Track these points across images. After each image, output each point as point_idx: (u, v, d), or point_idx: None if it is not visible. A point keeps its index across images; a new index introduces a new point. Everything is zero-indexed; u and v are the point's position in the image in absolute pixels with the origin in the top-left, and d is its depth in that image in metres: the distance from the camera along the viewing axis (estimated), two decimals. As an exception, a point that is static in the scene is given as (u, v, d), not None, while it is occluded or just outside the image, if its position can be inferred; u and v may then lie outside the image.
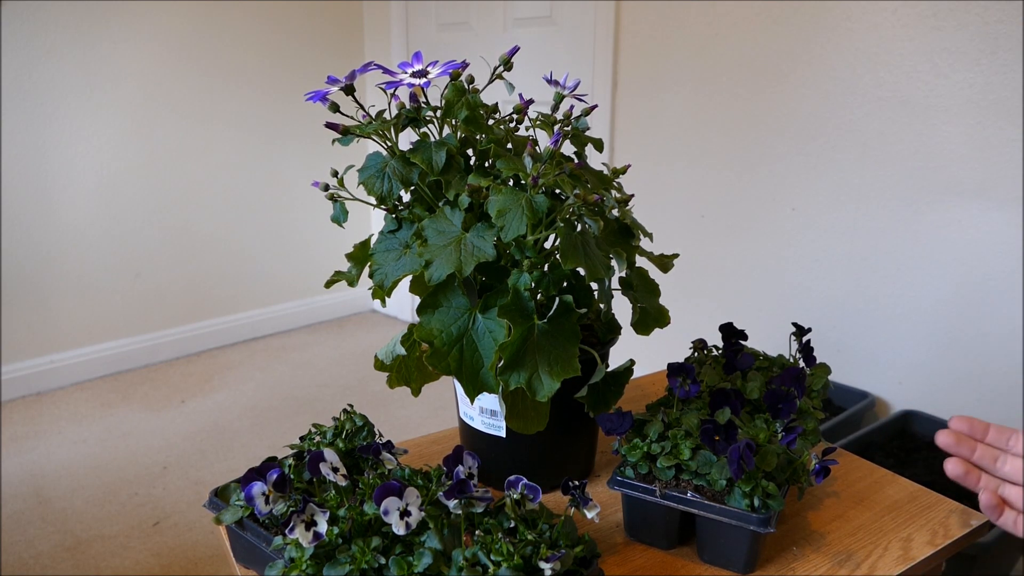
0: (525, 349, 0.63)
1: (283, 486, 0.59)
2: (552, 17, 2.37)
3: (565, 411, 0.72)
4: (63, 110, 2.41)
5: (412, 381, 0.78)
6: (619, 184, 0.76)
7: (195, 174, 2.75)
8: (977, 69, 1.51)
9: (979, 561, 1.23)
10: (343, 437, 0.69)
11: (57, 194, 2.45)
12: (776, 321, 1.94)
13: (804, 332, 0.82)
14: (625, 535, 0.70)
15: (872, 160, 1.70)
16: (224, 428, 2.29)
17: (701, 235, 2.10)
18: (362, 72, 0.67)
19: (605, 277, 0.67)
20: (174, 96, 2.64)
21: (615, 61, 2.19)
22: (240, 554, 0.65)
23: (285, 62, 2.88)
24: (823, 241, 1.83)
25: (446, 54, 2.68)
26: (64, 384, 2.58)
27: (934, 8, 1.55)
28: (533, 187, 0.63)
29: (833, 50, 1.73)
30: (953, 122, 1.56)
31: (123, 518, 1.84)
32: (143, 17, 2.51)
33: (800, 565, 0.65)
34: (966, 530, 0.71)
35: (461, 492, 0.55)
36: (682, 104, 2.07)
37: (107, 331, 2.66)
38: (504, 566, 0.51)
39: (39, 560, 1.68)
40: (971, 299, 1.59)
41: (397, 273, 0.68)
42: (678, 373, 0.69)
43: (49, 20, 2.33)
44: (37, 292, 2.47)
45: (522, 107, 0.73)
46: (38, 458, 2.12)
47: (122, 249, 2.63)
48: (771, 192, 1.91)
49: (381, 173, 0.67)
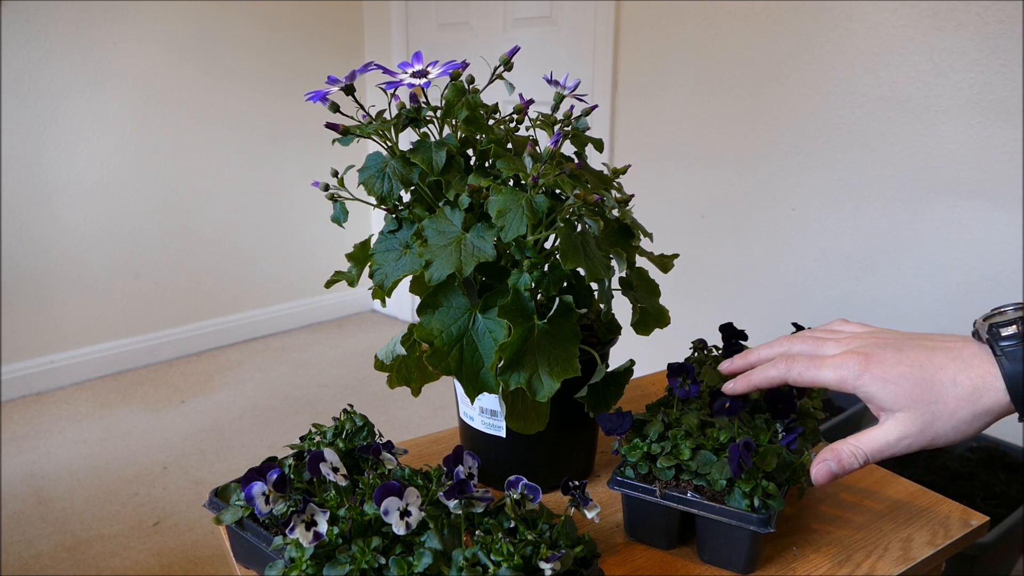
0: (525, 349, 0.63)
1: (283, 486, 0.59)
2: (552, 17, 2.37)
3: (565, 411, 0.72)
4: (63, 110, 2.41)
5: (412, 381, 0.78)
6: (619, 184, 0.76)
7: (195, 174, 2.75)
8: (977, 69, 1.51)
9: (979, 561, 1.23)
10: (343, 437, 0.69)
11: (57, 194, 2.45)
12: (776, 321, 1.94)
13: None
14: (625, 535, 0.70)
15: (872, 160, 1.70)
16: (224, 428, 2.29)
17: (701, 235, 2.10)
18: (362, 72, 0.67)
19: (605, 277, 0.67)
20: (174, 96, 2.64)
21: (615, 61, 2.19)
22: (240, 554, 0.65)
23: (285, 62, 2.88)
24: (823, 241, 1.83)
25: (446, 54, 2.68)
26: (64, 384, 2.58)
27: (934, 8, 1.55)
28: (533, 187, 0.63)
29: (833, 50, 1.73)
30: (953, 122, 1.56)
31: (123, 518, 1.84)
32: (143, 17, 2.51)
33: (800, 565, 0.65)
34: (966, 530, 0.71)
35: (461, 492, 0.55)
36: (682, 104, 2.07)
37: (107, 331, 2.66)
38: (504, 566, 0.51)
39: (39, 560, 1.68)
40: (971, 299, 1.59)
41: (397, 273, 0.68)
42: (678, 373, 0.69)
43: (49, 20, 2.33)
44: (37, 292, 2.47)
45: (522, 107, 0.73)
46: (38, 458, 2.12)
47: (122, 249, 2.63)
48: (771, 192, 1.91)
49: (381, 173, 0.67)
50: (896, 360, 0.54)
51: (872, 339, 0.57)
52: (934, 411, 0.52)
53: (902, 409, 0.53)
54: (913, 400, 0.52)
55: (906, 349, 0.54)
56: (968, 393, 0.51)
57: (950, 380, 0.52)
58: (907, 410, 0.52)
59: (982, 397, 0.51)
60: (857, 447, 0.55)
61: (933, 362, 0.53)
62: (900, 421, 0.53)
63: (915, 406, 0.52)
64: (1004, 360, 0.50)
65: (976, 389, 0.51)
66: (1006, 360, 0.50)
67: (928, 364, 0.53)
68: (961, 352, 0.53)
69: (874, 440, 0.54)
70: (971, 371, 0.51)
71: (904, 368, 0.53)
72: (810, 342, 0.60)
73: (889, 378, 0.53)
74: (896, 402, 0.53)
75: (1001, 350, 0.50)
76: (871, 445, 0.54)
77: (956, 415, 0.51)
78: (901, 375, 0.53)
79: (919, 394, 0.52)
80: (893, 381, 0.53)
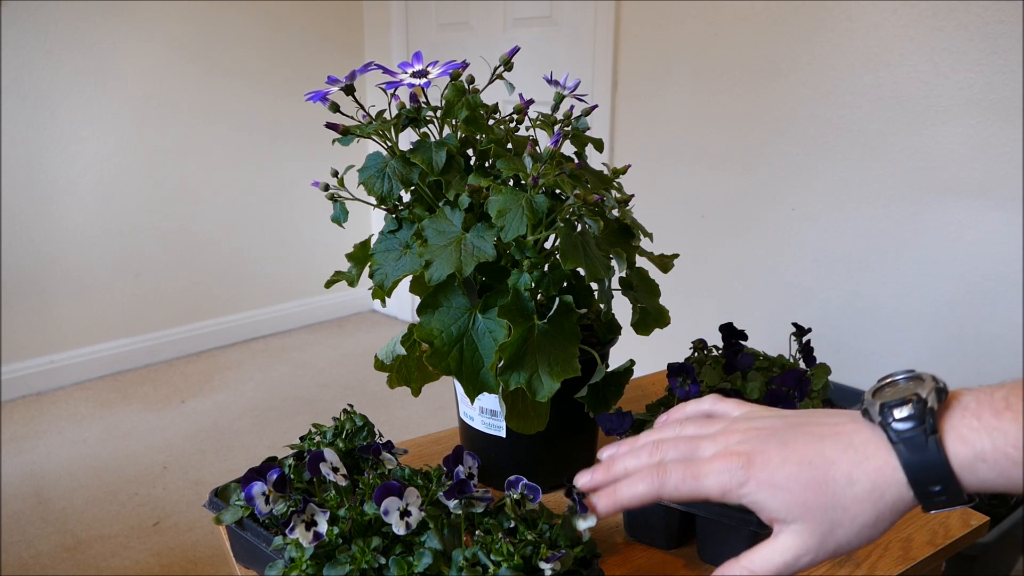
0: (525, 349, 0.63)
1: (283, 486, 0.59)
2: (552, 17, 2.37)
3: (565, 411, 0.72)
4: (63, 110, 2.41)
5: (412, 381, 0.78)
6: (619, 184, 0.76)
7: (195, 174, 2.75)
8: (977, 69, 1.51)
9: (979, 561, 1.23)
10: (343, 437, 0.69)
11: (57, 194, 2.45)
12: (776, 321, 1.94)
13: (804, 332, 0.82)
14: (625, 535, 0.70)
15: (872, 160, 1.70)
16: (224, 428, 2.29)
17: (701, 235, 2.10)
18: (362, 72, 0.67)
19: (605, 277, 0.67)
20: (174, 96, 2.64)
21: (615, 61, 2.19)
22: (240, 554, 0.65)
23: (285, 62, 2.88)
24: (823, 241, 1.83)
25: (446, 54, 2.68)
26: (64, 384, 2.58)
27: (934, 8, 1.55)
28: (533, 187, 0.63)
29: (833, 50, 1.73)
30: (953, 122, 1.56)
31: (123, 518, 1.84)
32: (143, 17, 2.51)
33: (800, 565, 0.65)
34: (966, 530, 0.71)
35: (461, 492, 0.55)
36: (682, 104, 2.07)
37: (107, 331, 2.66)
38: (504, 566, 0.51)
39: (39, 560, 1.68)
40: (971, 299, 1.59)
41: (397, 273, 0.68)
42: (678, 373, 0.69)
43: (49, 20, 2.33)
44: (37, 292, 2.47)
45: (522, 107, 0.73)
46: (38, 458, 2.12)
47: (122, 249, 2.63)
48: (771, 192, 1.91)
49: (381, 173, 0.67)
50: (782, 459, 0.45)
51: (753, 431, 0.48)
52: (832, 518, 0.44)
53: (796, 520, 0.44)
54: (807, 508, 0.44)
55: (791, 443, 0.46)
56: (867, 492, 0.43)
57: (845, 478, 0.43)
58: (802, 520, 0.44)
59: (883, 495, 0.43)
60: (748, 568, 0.46)
61: (824, 456, 0.44)
62: (796, 534, 0.45)
63: (810, 515, 0.44)
64: (902, 448, 0.42)
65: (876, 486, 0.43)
66: (904, 448, 0.42)
67: (818, 460, 0.44)
68: (852, 439, 0.44)
69: (768, 561, 0.45)
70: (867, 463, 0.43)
71: (792, 468, 0.45)
72: (682, 444, 0.50)
73: (777, 483, 0.45)
74: (789, 512, 0.44)
75: (897, 436, 0.42)
76: (764, 566, 0.45)
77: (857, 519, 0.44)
78: (790, 477, 0.44)
79: (813, 500, 0.44)
80: (782, 487, 0.45)
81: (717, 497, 0.47)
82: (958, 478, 0.41)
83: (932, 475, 0.41)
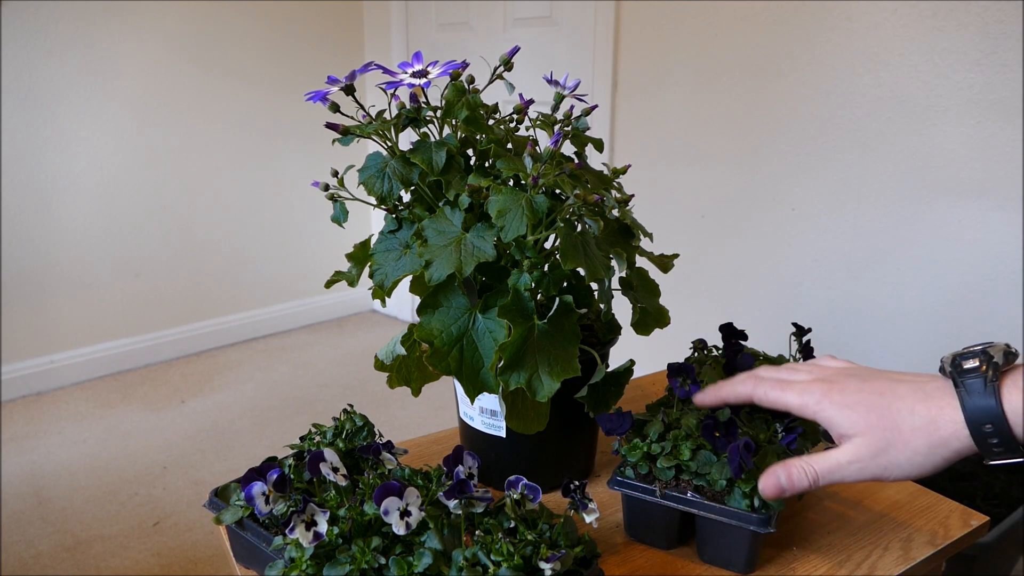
0: (525, 349, 0.63)
1: (283, 486, 0.59)
2: (552, 17, 2.37)
3: (565, 411, 0.72)
4: (63, 110, 2.41)
5: (412, 381, 0.78)
6: (619, 184, 0.76)
7: (195, 174, 2.75)
8: (977, 69, 1.51)
9: (979, 561, 1.23)
10: (343, 437, 0.69)
11: (57, 194, 2.45)
12: (776, 321, 1.94)
13: (804, 332, 0.82)
14: (625, 535, 0.70)
15: (872, 160, 1.70)
16: (224, 428, 2.29)
17: (701, 235, 2.10)
18: (362, 72, 0.67)
19: (605, 277, 0.67)
20: (174, 96, 2.64)
21: (615, 61, 2.19)
22: (240, 554, 0.65)
23: (285, 62, 2.88)
24: (823, 241, 1.83)
25: (446, 54, 2.68)
26: (64, 384, 2.58)
27: (934, 8, 1.55)
28: (533, 187, 0.63)
29: (833, 50, 1.73)
30: (953, 122, 1.56)
31: (123, 518, 1.84)
32: (143, 17, 2.51)
33: (800, 565, 0.65)
34: (966, 530, 0.71)
35: (461, 492, 0.55)
36: (682, 104, 2.07)
37: (107, 331, 2.66)
38: (504, 566, 0.51)
39: (39, 560, 1.68)
40: (971, 299, 1.59)
41: (397, 273, 0.68)
42: (678, 373, 0.69)
43: (49, 20, 2.33)
44: (37, 292, 2.47)
45: (522, 107, 0.73)
46: (38, 458, 2.12)
47: (122, 249, 2.63)
48: (771, 192, 1.91)
49: (381, 173, 0.67)
50: (857, 388, 0.54)
51: (839, 371, 0.57)
52: (888, 438, 0.52)
53: (858, 434, 0.53)
54: (868, 426, 0.52)
55: (871, 380, 0.55)
56: (925, 423, 0.51)
57: (908, 409, 0.51)
58: (862, 435, 0.52)
59: (939, 428, 0.50)
60: (808, 465, 0.55)
61: (894, 392, 0.53)
62: (854, 445, 0.53)
63: (870, 432, 0.52)
64: (963, 392, 0.49)
65: (933, 419, 0.50)
66: (965, 392, 0.49)
67: (888, 393, 0.53)
68: (924, 386, 0.52)
69: (825, 460, 0.54)
70: (930, 402, 0.51)
71: (864, 395, 0.53)
72: (784, 370, 0.61)
73: (848, 404, 0.53)
74: (852, 427, 0.53)
75: (962, 382, 0.50)
76: (822, 464, 0.54)
77: (911, 444, 0.51)
78: (859, 401, 0.53)
79: (875, 420, 0.52)
80: (851, 407, 0.53)
81: (796, 409, 0.56)
82: (1010, 423, 0.48)
83: (986, 416, 0.48)
